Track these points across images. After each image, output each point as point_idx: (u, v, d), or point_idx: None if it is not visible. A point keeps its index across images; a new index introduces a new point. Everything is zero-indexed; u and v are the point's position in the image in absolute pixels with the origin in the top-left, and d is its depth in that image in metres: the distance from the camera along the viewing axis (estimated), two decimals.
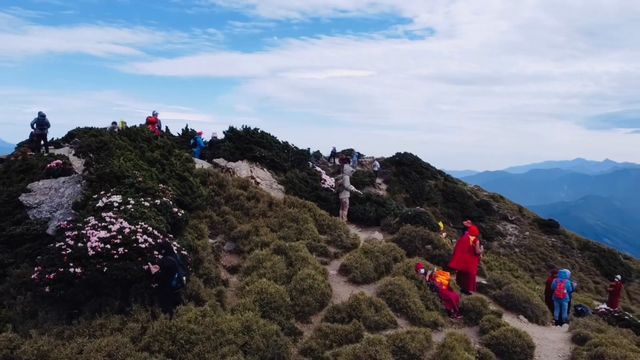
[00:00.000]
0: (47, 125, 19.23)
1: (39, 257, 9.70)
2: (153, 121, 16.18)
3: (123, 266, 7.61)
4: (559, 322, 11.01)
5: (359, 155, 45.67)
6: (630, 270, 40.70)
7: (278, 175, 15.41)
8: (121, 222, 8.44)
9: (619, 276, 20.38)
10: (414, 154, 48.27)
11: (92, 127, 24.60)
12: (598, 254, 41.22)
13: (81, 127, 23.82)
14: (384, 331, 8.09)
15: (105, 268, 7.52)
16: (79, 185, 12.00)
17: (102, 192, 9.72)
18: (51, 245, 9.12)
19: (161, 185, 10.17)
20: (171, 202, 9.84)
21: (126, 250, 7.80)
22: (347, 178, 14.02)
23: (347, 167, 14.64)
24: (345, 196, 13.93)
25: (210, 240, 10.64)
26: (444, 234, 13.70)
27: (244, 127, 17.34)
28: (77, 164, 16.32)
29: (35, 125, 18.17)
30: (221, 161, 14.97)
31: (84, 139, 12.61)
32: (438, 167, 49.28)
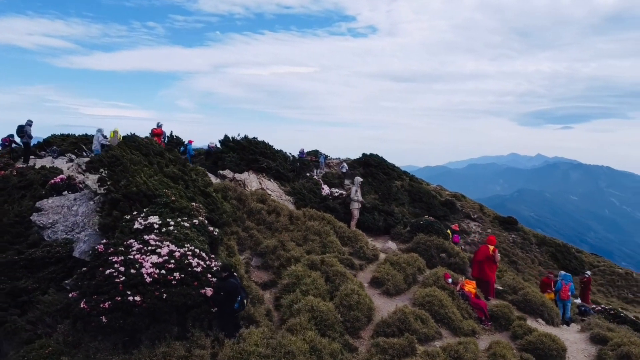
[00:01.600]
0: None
1: (65, 281, 9.33)
2: (158, 133, 15.65)
3: (182, 292, 7.49)
4: (563, 322, 11.97)
5: (326, 157, 46.15)
6: (583, 263, 44.18)
7: (284, 185, 15.46)
8: (168, 245, 8.27)
9: (588, 272, 22.21)
10: (380, 155, 49.54)
11: (69, 134, 23.30)
12: (554, 249, 44.44)
13: (56, 134, 22.44)
14: (433, 343, 8.52)
15: (165, 295, 7.38)
16: (91, 203, 11.53)
17: (135, 213, 9.42)
18: (83, 270, 8.77)
19: (193, 203, 10.00)
20: (206, 221, 9.72)
21: (182, 275, 7.68)
22: (353, 189, 14.36)
23: (357, 179, 14.98)
24: (354, 207, 14.27)
25: (239, 257, 10.61)
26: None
27: (245, 136, 17.18)
28: (67, 173, 15.52)
29: (26, 135, 17.06)
30: (228, 173, 14.79)
31: (98, 155, 12.04)
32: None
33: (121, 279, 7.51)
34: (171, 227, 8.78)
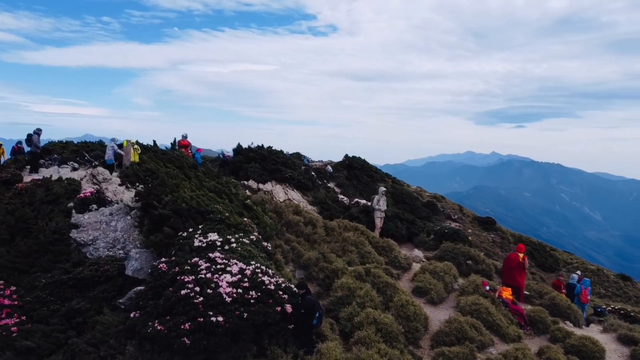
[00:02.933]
0: None
1: (119, 300, 9.20)
2: (186, 145, 15.42)
3: (260, 310, 7.59)
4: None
5: (309, 160, 46.47)
6: (558, 260, 46.61)
7: (306, 195, 15.63)
8: (236, 263, 8.34)
9: (579, 272, 23.57)
10: (362, 158, 50.40)
11: (67, 141, 22.45)
12: (531, 247, 46.70)
13: (54, 141, 21.56)
14: (487, 350, 9.00)
15: (245, 314, 7.47)
16: (129, 218, 11.39)
17: (191, 230, 9.40)
18: (141, 289, 8.70)
19: (245, 219, 10.07)
20: (260, 237, 9.82)
21: (258, 294, 7.79)
22: (375, 198, 14.74)
23: (381, 189, 15.35)
24: (377, 216, 14.66)
25: (287, 271, 10.76)
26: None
27: (259, 146, 17.17)
28: (85, 185, 15.10)
29: (33, 144, 16.41)
30: (252, 183, 14.82)
31: (131, 168, 11.83)
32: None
33: (199, 300, 7.54)
34: (234, 245, 8.84)
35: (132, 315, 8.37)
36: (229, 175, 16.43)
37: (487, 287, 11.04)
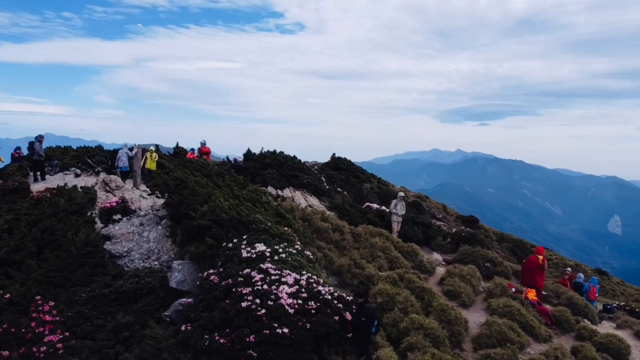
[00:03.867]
0: None
1: (165, 313, 9.15)
2: (207, 151, 15.25)
3: (321, 320, 7.73)
4: None
5: None
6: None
7: (322, 200, 15.77)
8: (289, 274, 8.43)
9: (569, 269, 24.64)
10: (348, 159, 50.92)
11: (66, 147, 21.75)
12: (513, 244, 48.43)
13: (52, 146, 20.82)
14: (525, 350, 9.42)
15: (308, 324, 7.58)
16: (160, 227, 11.29)
17: (236, 240, 9.40)
18: (190, 301, 8.69)
19: (286, 228, 10.15)
20: (301, 246, 9.92)
21: (317, 304, 7.92)
22: (393, 203, 15.06)
23: (400, 194, 15.67)
24: (394, 220, 14.98)
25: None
26: None
27: (268, 151, 17.18)
28: (100, 194, 14.77)
29: (35, 152, 15.89)
30: (271, 190, 14.85)
31: (160, 177, 11.68)
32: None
33: (262, 312, 7.60)
34: (283, 255, 8.92)
35: (183, 328, 8.34)
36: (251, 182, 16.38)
37: (513, 289, 11.52)
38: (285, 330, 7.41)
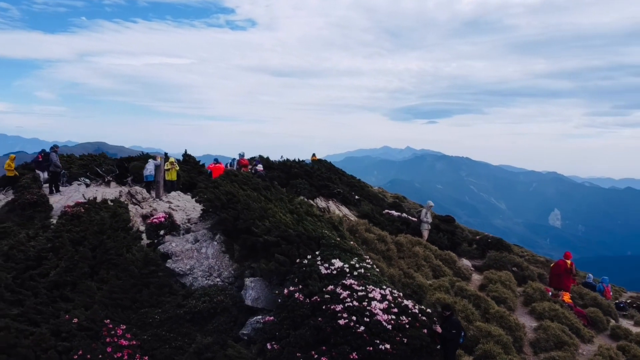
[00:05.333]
0: None
1: (243, 331, 9.14)
2: (246, 164, 15.01)
3: (415, 334, 8.01)
4: None
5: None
6: (513, 254, 50.93)
7: (351, 209, 15.99)
8: (373, 289, 8.64)
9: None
10: (328, 161, 51.37)
11: (69, 155, 20.67)
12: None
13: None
14: (578, 351, 10.15)
15: (405, 339, 7.84)
16: (215, 243, 11.18)
17: (310, 257, 9.48)
18: (273, 320, 8.71)
19: (352, 242, 10.33)
20: (372, 261, 10.14)
21: (409, 318, 8.19)
22: (424, 211, 15.59)
23: (429, 202, 16.19)
24: (424, 228, 15.50)
25: None
26: None
27: (287, 159, 17.18)
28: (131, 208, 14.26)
29: (52, 163, 15.08)
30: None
31: (210, 192, 11.49)
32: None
33: (361, 329, 7.78)
34: (361, 270, 9.13)
35: (269, 347, 8.38)
36: None
37: (550, 293, 12.30)
38: (387, 346, 7.64)
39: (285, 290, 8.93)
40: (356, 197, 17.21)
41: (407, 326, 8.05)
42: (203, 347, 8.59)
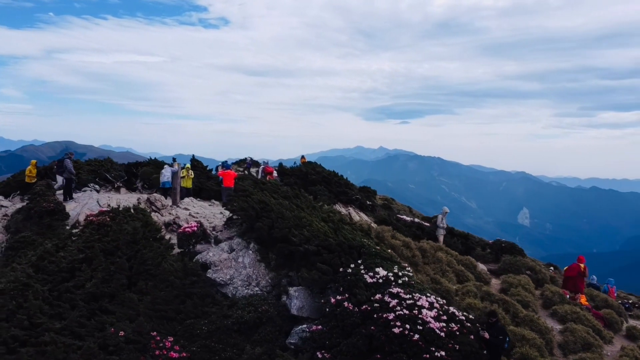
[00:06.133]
0: None
1: (290, 341, 9.24)
2: (271, 171, 14.97)
3: (465, 341, 8.29)
4: None
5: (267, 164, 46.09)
6: None
7: (368, 215, 16.22)
8: (420, 297, 8.88)
9: (551, 268, 26.92)
10: (319, 163, 51.64)
11: (75, 159, 20.10)
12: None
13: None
14: (602, 352, 10.67)
15: (457, 346, 8.11)
16: (250, 252, 11.22)
17: (354, 266, 9.64)
18: (319, 328, 8.85)
19: (389, 250, 10.55)
20: (411, 268, 10.39)
21: (458, 325, 8.46)
22: (439, 217, 15.97)
23: (444, 208, 16.56)
24: (440, 233, 15.88)
25: None
26: None
27: (299, 165, 17.29)
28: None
29: (66, 170, 14.74)
30: None
31: (243, 201, 11.51)
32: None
33: (416, 337, 8.00)
34: (405, 278, 9.36)
35: (319, 355, 8.52)
36: None
37: (568, 296, 12.84)
38: (442, 353, 7.88)
39: (333, 299, 9.08)
40: (368, 202, 17.47)
41: (457, 333, 8.33)
42: (254, 357, 8.65)
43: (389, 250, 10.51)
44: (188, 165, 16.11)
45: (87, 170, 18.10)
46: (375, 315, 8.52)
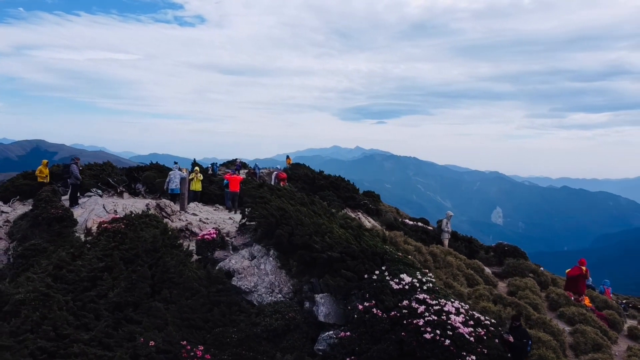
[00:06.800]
0: None
1: (319, 347, 9.38)
2: (284, 177, 14.98)
3: (492, 345, 8.58)
4: None
5: (259, 168, 46.16)
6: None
7: (375, 220, 16.46)
8: (446, 303, 9.14)
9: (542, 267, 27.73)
10: (306, 165, 51.86)
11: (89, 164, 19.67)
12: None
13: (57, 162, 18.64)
14: (611, 352, 11.16)
15: (485, 350, 8.39)
16: (271, 259, 11.30)
17: (378, 272, 9.83)
18: (347, 335, 9.00)
19: (409, 256, 10.79)
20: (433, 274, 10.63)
21: (484, 330, 8.75)
22: (444, 221, 16.33)
23: (448, 213, 16.92)
24: (444, 237, 16.24)
25: None
26: None
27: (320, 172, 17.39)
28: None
29: (72, 175, 14.46)
30: None
31: (262, 208, 11.57)
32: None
33: (447, 342, 8.25)
34: (430, 284, 9.61)
35: None
36: None
37: (572, 298, 13.35)
38: (473, 357, 8.15)
39: (360, 306, 9.25)
40: (371, 206, 17.74)
41: (484, 337, 8.62)
42: None
43: (409, 257, 10.74)
44: (197, 168, 16.00)
45: (88, 175, 17.76)
46: (405, 322, 8.73)
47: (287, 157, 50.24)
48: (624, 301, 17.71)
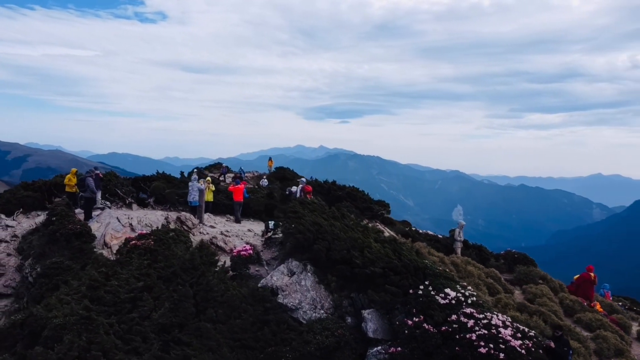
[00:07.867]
0: None
1: None
2: (310, 190, 14.88)
3: (539, 356, 8.96)
4: None
5: (244, 172, 45.94)
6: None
7: (390, 229, 16.69)
8: (492, 317, 9.46)
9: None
10: (291, 169, 52.00)
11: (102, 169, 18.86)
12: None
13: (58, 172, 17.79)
14: (631, 356, 11.85)
15: None
16: (309, 274, 11.36)
17: (422, 287, 10.05)
18: (397, 349, 9.19)
19: (446, 269, 11.07)
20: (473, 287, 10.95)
21: (531, 341, 9.12)
22: (457, 230, 16.79)
23: (461, 222, 17.36)
24: (457, 246, 16.70)
25: None
26: None
27: (332, 181, 17.49)
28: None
29: (88, 189, 13.95)
30: None
31: (299, 224, 11.56)
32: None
33: (502, 355, 8.56)
34: (474, 298, 9.93)
35: None
36: None
37: (585, 303, 14.05)
38: None
39: (410, 322, 9.44)
40: (387, 216, 18.04)
41: (533, 349, 9.00)
42: None
43: (447, 270, 11.03)
44: (209, 178, 15.73)
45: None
46: (457, 336, 8.99)
47: (270, 159, 49.61)
48: (619, 303, 18.75)
